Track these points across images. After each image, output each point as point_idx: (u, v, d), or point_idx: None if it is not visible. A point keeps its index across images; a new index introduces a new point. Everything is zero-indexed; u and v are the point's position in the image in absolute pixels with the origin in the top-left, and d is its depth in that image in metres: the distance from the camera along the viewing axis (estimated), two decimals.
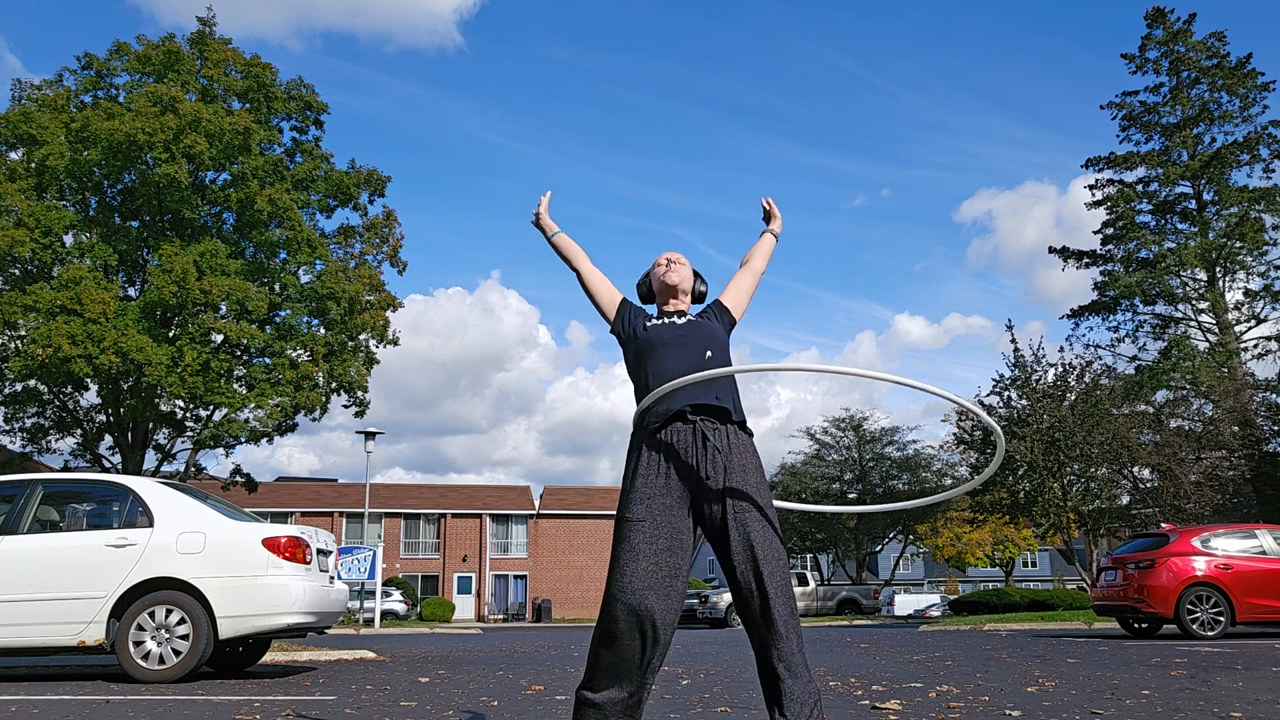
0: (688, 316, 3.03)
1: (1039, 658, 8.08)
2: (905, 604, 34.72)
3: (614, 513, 2.76)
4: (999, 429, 2.78)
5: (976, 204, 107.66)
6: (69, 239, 20.18)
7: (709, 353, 2.85)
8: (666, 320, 2.99)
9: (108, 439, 21.83)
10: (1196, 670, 6.30)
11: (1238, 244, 28.88)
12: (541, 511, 50.92)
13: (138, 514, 6.93)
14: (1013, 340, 24.95)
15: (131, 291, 21.35)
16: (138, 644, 6.55)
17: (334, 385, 21.52)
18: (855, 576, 41.66)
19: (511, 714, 4.41)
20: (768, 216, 3.41)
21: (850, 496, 41.41)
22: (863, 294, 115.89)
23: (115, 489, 7.22)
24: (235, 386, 20.35)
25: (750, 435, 2.83)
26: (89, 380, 19.68)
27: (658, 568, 2.58)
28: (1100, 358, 26.86)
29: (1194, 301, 29.92)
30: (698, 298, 3.19)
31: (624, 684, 2.58)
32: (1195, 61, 30.14)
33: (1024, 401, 24.17)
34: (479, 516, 50.31)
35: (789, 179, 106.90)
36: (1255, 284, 29.82)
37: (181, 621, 6.58)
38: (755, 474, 2.71)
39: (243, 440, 20.62)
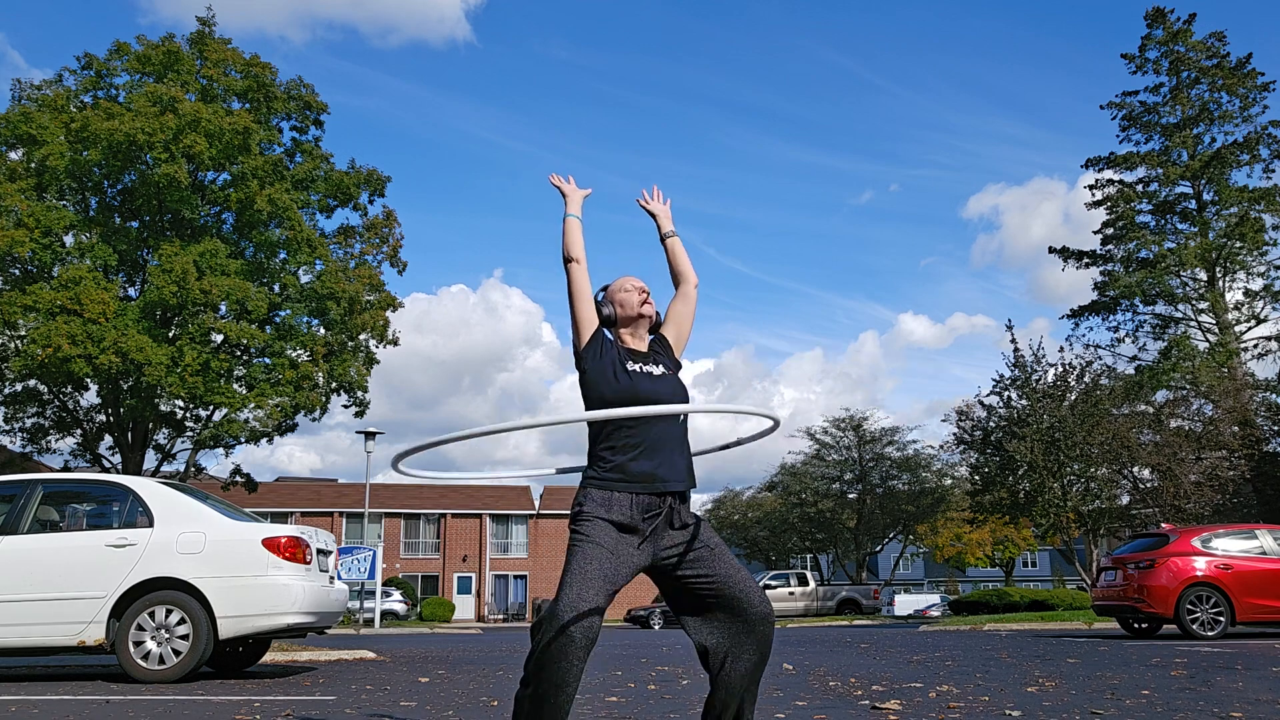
0: (660, 366, 2.95)
1: (1039, 658, 8.08)
2: (905, 604, 34.71)
3: None
4: (779, 418, 2.85)
5: (983, 200, 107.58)
6: (69, 239, 20.20)
7: (681, 417, 2.88)
8: (642, 368, 2.89)
9: (108, 439, 21.85)
10: (1196, 670, 6.30)
11: (1238, 244, 28.86)
12: (541, 511, 50.93)
13: (138, 514, 6.93)
14: (1013, 340, 24.99)
15: (131, 291, 21.36)
16: (138, 644, 6.54)
17: (334, 385, 21.53)
18: (855, 576, 41.66)
19: (511, 714, 4.41)
20: (654, 216, 3.24)
21: (850, 496, 41.43)
22: (865, 294, 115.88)
23: (115, 489, 7.22)
24: (235, 386, 20.36)
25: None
26: (89, 380, 19.70)
27: (610, 585, 2.62)
28: (1100, 358, 26.88)
29: (1194, 301, 29.91)
30: (655, 326, 3.10)
31: (564, 695, 2.57)
32: (1195, 61, 30.13)
33: (1024, 401, 24.18)
34: (479, 516, 50.32)
35: (789, 179, 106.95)
36: (1255, 284, 29.82)
37: (181, 621, 6.57)
38: (701, 526, 2.84)
39: (243, 440, 20.63)
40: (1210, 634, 11.22)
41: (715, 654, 2.74)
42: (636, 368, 2.88)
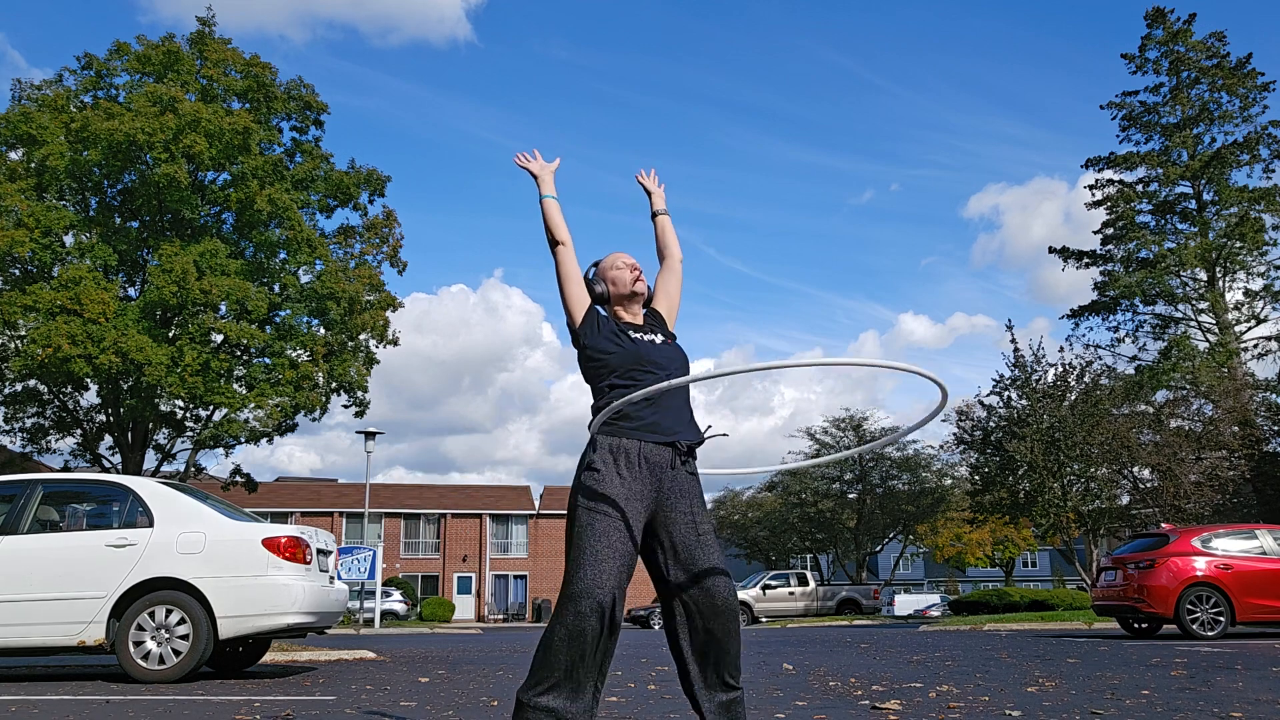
0: (659, 334, 3.00)
1: (1039, 658, 8.08)
2: (905, 604, 34.72)
3: None
4: (943, 385, 2.73)
5: (984, 199, 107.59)
6: (69, 239, 20.21)
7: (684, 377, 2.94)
8: (644, 336, 2.93)
9: (108, 439, 21.86)
10: (1196, 670, 6.30)
11: (1238, 244, 28.86)
12: (541, 511, 50.92)
13: (138, 514, 6.93)
14: (1013, 340, 25.00)
15: (131, 291, 21.37)
16: (138, 644, 6.54)
17: (334, 385, 21.54)
18: (855, 576, 41.66)
19: (511, 714, 4.41)
20: (649, 194, 3.32)
21: (850, 496, 41.42)
22: (865, 294, 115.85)
23: (115, 489, 7.22)
24: (235, 386, 20.37)
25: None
26: (89, 380, 19.70)
27: (625, 569, 2.60)
28: (1100, 358, 26.88)
29: (1194, 301, 29.90)
30: (646, 301, 3.15)
31: (581, 686, 2.53)
32: (1195, 61, 30.12)
33: (1024, 401, 24.18)
34: (479, 516, 50.31)
35: (789, 179, 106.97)
36: (1255, 284, 29.81)
37: (181, 621, 6.57)
38: (702, 498, 2.86)
39: (243, 440, 20.64)
40: (1210, 634, 11.22)
41: (684, 643, 2.73)
42: (638, 335, 2.93)
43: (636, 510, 2.68)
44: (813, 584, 32.75)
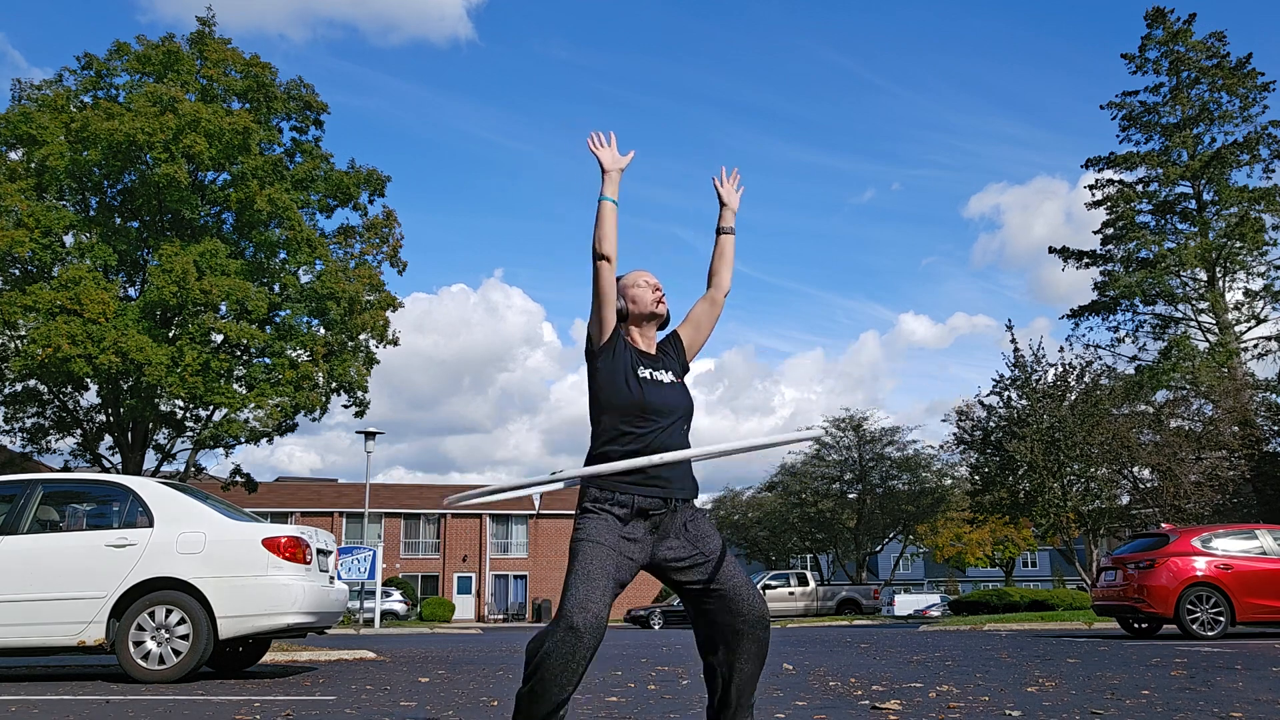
0: (669, 372, 2.90)
1: (1039, 658, 8.08)
2: (905, 604, 34.72)
3: None
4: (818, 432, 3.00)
5: (985, 199, 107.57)
6: (69, 239, 20.22)
7: (686, 425, 2.86)
8: (651, 374, 2.83)
9: (108, 439, 21.86)
10: (1196, 670, 6.30)
11: (1238, 244, 28.87)
12: (541, 511, 50.92)
13: (138, 514, 6.93)
14: (1013, 340, 25.01)
15: (131, 291, 21.37)
16: (138, 644, 6.54)
17: (334, 385, 21.54)
18: (855, 576, 41.66)
19: (511, 714, 4.40)
20: (722, 205, 3.10)
21: (850, 496, 41.43)
22: (865, 294, 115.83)
23: (115, 489, 7.22)
24: (235, 386, 20.38)
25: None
26: (89, 380, 19.71)
27: (614, 587, 2.62)
28: (1100, 358, 26.89)
29: (1194, 301, 29.90)
30: (664, 323, 3.05)
31: (565, 694, 2.59)
32: (1195, 61, 30.13)
33: (1024, 401, 24.18)
34: (479, 516, 50.29)
35: (789, 179, 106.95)
36: (1255, 284, 29.83)
37: (181, 621, 6.57)
38: (707, 522, 2.82)
39: (243, 440, 20.65)
40: (1210, 634, 11.22)
41: (719, 668, 2.74)
42: (647, 374, 2.82)
43: (630, 542, 2.68)
44: (813, 584, 32.76)
